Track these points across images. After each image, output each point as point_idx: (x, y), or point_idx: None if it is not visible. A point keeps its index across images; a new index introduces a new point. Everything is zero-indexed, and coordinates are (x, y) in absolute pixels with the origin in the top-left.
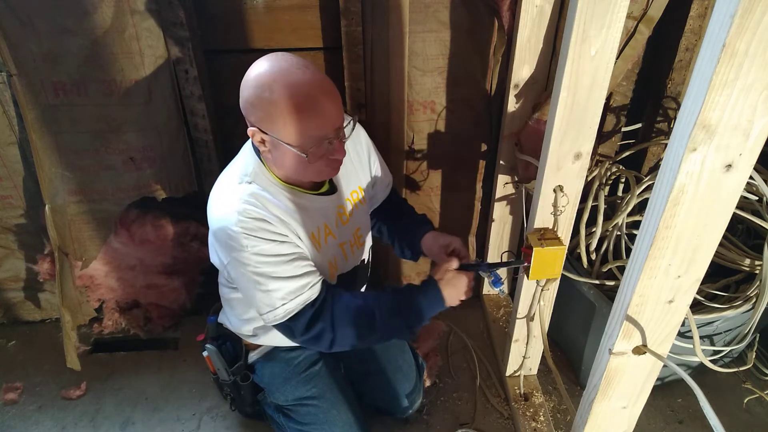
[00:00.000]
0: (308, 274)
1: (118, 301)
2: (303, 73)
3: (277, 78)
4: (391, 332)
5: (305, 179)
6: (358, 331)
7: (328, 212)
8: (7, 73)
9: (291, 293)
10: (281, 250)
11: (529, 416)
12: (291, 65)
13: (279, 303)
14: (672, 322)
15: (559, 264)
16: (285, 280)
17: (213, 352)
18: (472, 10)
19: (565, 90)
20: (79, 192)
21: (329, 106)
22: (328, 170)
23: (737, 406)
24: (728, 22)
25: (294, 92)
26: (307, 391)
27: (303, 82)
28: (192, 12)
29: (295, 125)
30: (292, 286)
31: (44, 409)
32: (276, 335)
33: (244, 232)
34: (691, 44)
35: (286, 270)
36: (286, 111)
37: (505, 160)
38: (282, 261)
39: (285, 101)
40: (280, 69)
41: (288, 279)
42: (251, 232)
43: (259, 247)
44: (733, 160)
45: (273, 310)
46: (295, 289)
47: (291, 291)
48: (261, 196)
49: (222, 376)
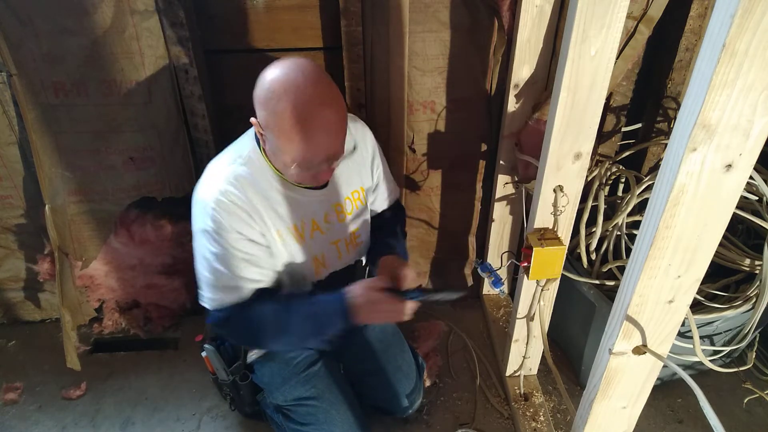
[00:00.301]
0: (253, 281)
1: (118, 301)
2: (312, 97)
3: (287, 91)
4: (294, 343)
5: (288, 178)
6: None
7: (318, 207)
8: (7, 73)
9: (220, 289)
10: (239, 245)
11: (529, 416)
12: (306, 83)
13: (206, 291)
14: (672, 322)
15: (559, 264)
16: (223, 274)
17: (211, 352)
18: (472, 10)
19: (565, 90)
20: (79, 192)
21: (324, 139)
22: (309, 180)
23: (737, 406)
24: (728, 22)
25: (296, 114)
26: (306, 391)
27: (308, 105)
28: (192, 12)
29: (288, 143)
30: (226, 283)
31: (44, 409)
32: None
33: (215, 211)
34: (691, 44)
35: (231, 265)
36: (285, 127)
37: (505, 160)
38: (233, 256)
39: (286, 118)
40: (294, 84)
41: (226, 275)
42: (221, 215)
43: (221, 231)
44: (733, 160)
45: (200, 290)
46: (226, 287)
47: (221, 287)
48: (246, 180)
49: (221, 376)
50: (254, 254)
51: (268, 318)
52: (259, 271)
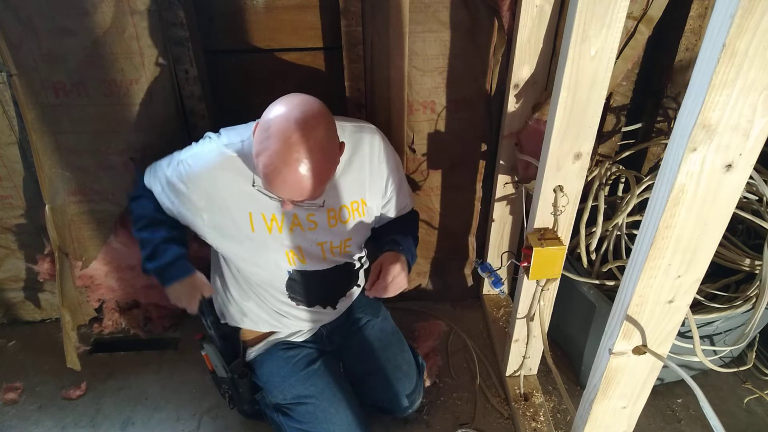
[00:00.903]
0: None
1: (118, 301)
2: (289, 148)
3: (275, 133)
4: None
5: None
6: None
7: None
8: (7, 73)
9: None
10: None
11: (529, 416)
12: (293, 131)
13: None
14: (672, 322)
15: (559, 264)
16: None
17: (211, 350)
18: (472, 10)
19: (565, 90)
20: (79, 192)
21: (285, 190)
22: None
23: (737, 406)
24: (728, 22)
25: (270, 157)
26: (305, 390)
27: (281, 155)
28: (192, 12)
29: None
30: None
31: (44, 409)
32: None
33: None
34: (691, 44)
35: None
36: (259, 156)
37: (505, 160)
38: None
39: (263, 153)
40: (282, 127)
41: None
42: (179, 164)
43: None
44: (733, 160)
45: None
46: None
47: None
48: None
49: (219, 373)
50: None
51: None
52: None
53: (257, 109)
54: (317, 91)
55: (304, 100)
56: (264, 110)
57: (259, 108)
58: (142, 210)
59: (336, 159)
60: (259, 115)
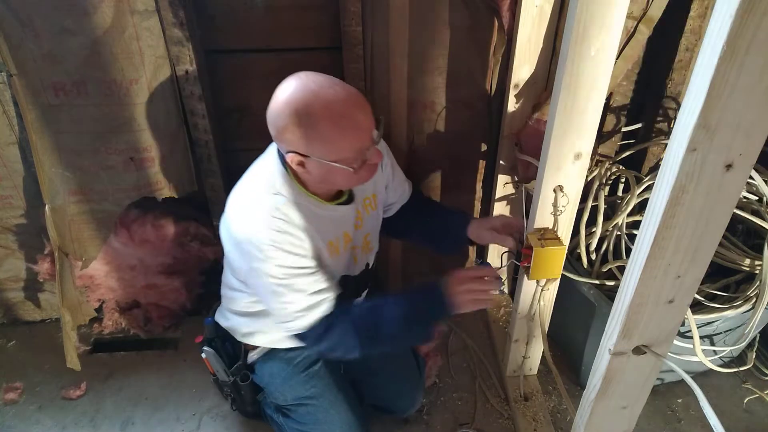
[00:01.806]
0: (324, 290)
1: (118, 301)
2: (335, 92)
3: (311, 102)
4: (397, 343)
5: (347, 187)
6: (364, 346)
7: (347, 221)
8: (7, 73)
9: (307, 308)
10: (304, 263)
11: (529, 416)
12: (320, 86)
13: (294, 316)
14: (672, 322)
15: (559, 264)
16: (303, 293)
17: (211, 354)
18: (472, 10)
19: (565, 90)
20: (79, 192)
21: (363, 118)
22: (368, 175)
23: (737, 406)
24: (728, 22)
25: (332, 113)
26: (306, 391)
27: (337, 101)
28: (192, 12)
29: (338, 143)
30: (309, 301)
31: (44, 409)
32: (272, 336)
33: (272, 245)
34: (691, 44)
35: (305, 283)
36: (328, 133)
37: (505, 160)
38: (303, 274)
39: (325, 124)
40: (311, 92)
41: (305, 293)
42: (279, 245)
43: (284, 260)
44: (733, 160)
45: (289, 322)
46: (311, 305)
47: (307, 306)
48: (288, 208)
49: (221, 377)
50: (313, 266)
51: (364, 323)
52: (323, 278)
53: (257, 109)
54: None
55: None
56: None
57: (259, 108)
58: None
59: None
60: (259, 115)
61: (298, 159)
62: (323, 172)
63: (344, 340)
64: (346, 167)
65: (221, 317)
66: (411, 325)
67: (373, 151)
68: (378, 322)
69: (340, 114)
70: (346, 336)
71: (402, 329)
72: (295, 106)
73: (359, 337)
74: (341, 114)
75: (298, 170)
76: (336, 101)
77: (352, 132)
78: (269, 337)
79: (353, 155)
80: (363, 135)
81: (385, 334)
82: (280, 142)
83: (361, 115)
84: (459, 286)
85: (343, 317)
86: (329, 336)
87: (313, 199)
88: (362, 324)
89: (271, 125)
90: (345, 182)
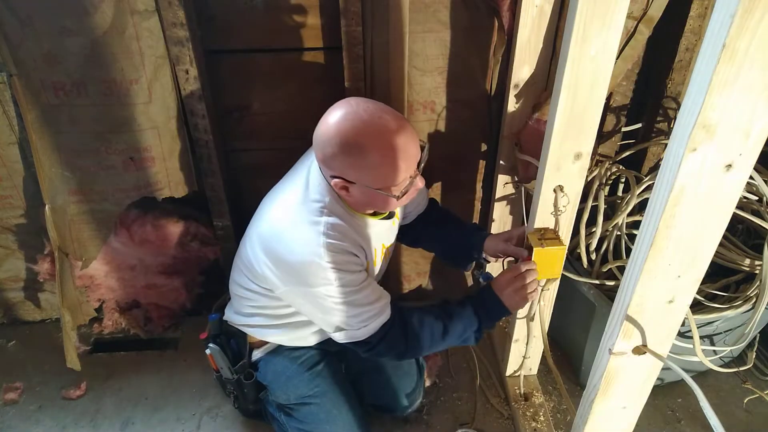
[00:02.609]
0: (383, 296)
1: (118, 301)
2: (385, 122)
3: (361, 132)
4: (457, 342)
5: (387, 211)
6: (426, 344)
7: (387, 234)
8: (7, 73)
9: (372, 317)
10: (362, 278)
11: (529, 416)
12: (371, 115)
13: (360, 325)
14: (672, 322)
15: (560, 264)
16: (366, 305)
17: (216, 351)
18: (472, 10)
19: (566, 90)
20: (79, 192)
21: (413, 147)
22: (408, 200)
23: (737, 406)
24: (728, 22)
25: (382, 144)
26: (309, 390)
27: (388, 132)
28: (192, 12)
29: (386, 173)
30: (372, 309)
31: (44, 409)
32: (282, 334)
33: (332, 267)
34: (691, 44)
35: (366, 295)
36: (377, 163)
37: (505, 160)
38: (364, 287)
39: (375, 154)
40: (362, 121)
41: (368, 304)
42: (339, 266)
43: (345, 278)
44: (733, 160)
45: (354, 330)
46: (375, 313)
47: (372, 315)
48: (341, 226)
49: (225, 374)
50: (367, 279)
51: (427, 327)
52: (377, 287)
53: (257, 109)
54: (317, 91)
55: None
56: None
57: (259, 108)
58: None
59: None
60: (259, 114)
61: (342, 184)
62: (367, 199)
63: (410, 341)
64: (391, 196)
65: (231, 314)
66: (469, 332)
67: (417, 178)
68: (438, 331)
69: (390, 145)
70: (413, 338)
71: (459, 336)
72: (345, 134)
73: (425, 339)
74: (391, 145)
75: (341, 193)
76: (387, 132)
77: (401, 163)
78: (279, 335)
79: (400, 184)
80: (410, 165)
81: (449, 336)
82: (326, 167)
83: (410, 144)
84: (507, 288)
85: (408, 320)
86: (396, 337)
87: (359, 216)
88: (420, 331)
89: (318, 149)
90: (386, 207)
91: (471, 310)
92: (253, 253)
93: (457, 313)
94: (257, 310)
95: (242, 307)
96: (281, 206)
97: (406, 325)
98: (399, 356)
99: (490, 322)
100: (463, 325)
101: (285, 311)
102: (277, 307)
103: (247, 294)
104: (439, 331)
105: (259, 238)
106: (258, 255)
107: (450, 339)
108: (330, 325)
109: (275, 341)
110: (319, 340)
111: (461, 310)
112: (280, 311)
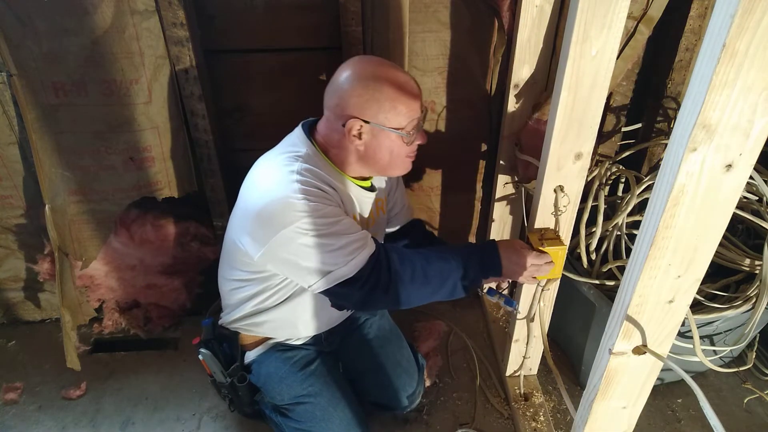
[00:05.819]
0: (362, 229)
1: (118, 301)
2: (394, 66)
3: (377, 70)
4: (443, 285)
5: (385, 171)
6: (413, 280)
7: (365, 206)
8: (7, 73)
9: (358, 248)
10: (340, 211)
11: (529, 416)
12: (381, 61)
13: (347, 259)
14: (672, 322)
15: (560, 264)
16: (350, 233)
17: (207, 356)
18: (472, 10)
19: (566, 90)
20: (79, 192)
21: (417, 90)
22: (408, 162)
23: (737, 406)
24: (728, 22)
25: (396, 80)
26: (303, 390)
27: (398, 72)
28: (192, 12)
29: (400, 108)
30: (356, 237)
31: (44, 409)
32: (272, 325)
33: (305, 198)
34: (691, 44)
35: (348, 225)
36: (392, 96)
37: (505, 160)
38: (343, 218)
39: (389, 87)
40: (375, 63)
41: (352, 233)
42: (313, 197)
43: (322, 210)
44: (733, 160)
45: (341, 267)
46: (361, 244)
47: (358, 246)
48: (316, 171)
49: (218, 378)
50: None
51: (408, 262)
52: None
53: (257, 109)
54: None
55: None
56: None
57: (259, 108)
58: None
59: None
60: (259, 114)
61: (358, 125)
62: (377, 142)
63: (396, 276)
64: (403, 134)
65: (224, 314)
66: (457, 274)
67: (422, 131)
68: (428, 259)
69: (401, 80)
70: (399, 272)
71: (450, 276)
72: (362, 71)
73: (412, 272)
74: (402, 80)
75: (354, 142)
76: (397, 70)
77: (412, 99)
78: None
79: (410, 123)
80: (418, 105)
81: (434, 273)
82: (340, 110)
83: (416, 87)
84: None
85: (393, 251)
86: (383, 271)
87: (336, 171)
88: (409, 263)
89: (333, 94)
90: (388, 159)
91: (465, 251)
92: (231, 229)
93: (449, 251)
94: (245, 297)
95: (231, 299)
96: (263, 161)
97: (393, 260)
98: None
99: (478, 273)
100: (449, 266)
101: (270, 291)
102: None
103: (233, 284)
104: (421, 265)
105: (236, 208)
106: (234, 226)
107: (434, 279)
108: (314, 272)
109: (266, 334)
110: (312, 332)
111: (454, 250)
112: (266, 293)
